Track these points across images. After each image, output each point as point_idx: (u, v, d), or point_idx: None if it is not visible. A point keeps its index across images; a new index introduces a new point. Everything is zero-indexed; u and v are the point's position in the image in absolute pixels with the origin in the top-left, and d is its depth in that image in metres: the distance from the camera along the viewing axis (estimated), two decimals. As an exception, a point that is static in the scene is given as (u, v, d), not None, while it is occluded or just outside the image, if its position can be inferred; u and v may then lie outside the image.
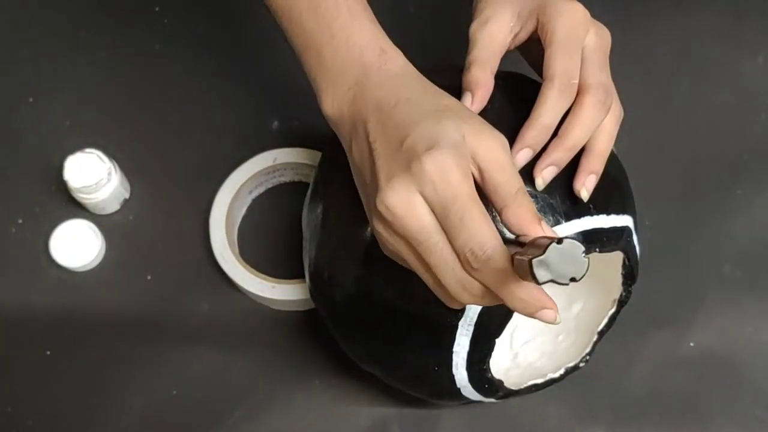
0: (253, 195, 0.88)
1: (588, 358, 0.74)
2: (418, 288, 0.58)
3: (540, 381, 0.74)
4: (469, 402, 0.72)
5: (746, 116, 0.91)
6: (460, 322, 0.64)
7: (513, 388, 0.72)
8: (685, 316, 0.85)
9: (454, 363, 0.67)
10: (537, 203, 0.63)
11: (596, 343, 0.74)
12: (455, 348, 0.66)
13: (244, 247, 0.86)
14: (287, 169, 0.87)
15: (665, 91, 0.92)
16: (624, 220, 0.68)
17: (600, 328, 0.74)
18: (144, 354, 0.84)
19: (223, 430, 0.81)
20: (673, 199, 0.88)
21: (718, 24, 0.94)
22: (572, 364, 0.74)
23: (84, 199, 0.84)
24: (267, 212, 0.88)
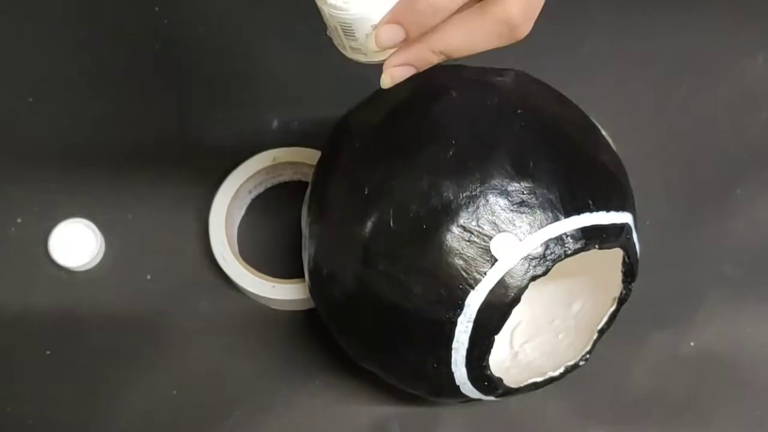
0: (253, 195, 0.88)
1: (588, 356, 0.74)
2: (417, 285, 0.58)
3: (540, 379, 0.74)
4: (469, 400, 0.72)
5: (746, 116, 0.91)
6: (459, 319, 0.64)
7: (512, 386, 0.72)
8: (685, 316, 0.85)
9: (453, 360, 0.67)
10: (536, 199, 0.64)
11: (596, 342, 0.74)
12: (454, 345, 0.66)
13: (243, 247, 0.86)
14: (286, 168, 0.87)
15: (665, 91, 0.92)
16: (624, 217, 0.68)
17: (600, 327, 0.74)
18: (144, 354, 0.84)
19: (223, 430, 0.81)
20: (673, 199, 0.88)
21: (718, 24, 0.94)
22: (572, 363, 0.74)
23: None
24: (267, 212, 0.88)
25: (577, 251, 0.64)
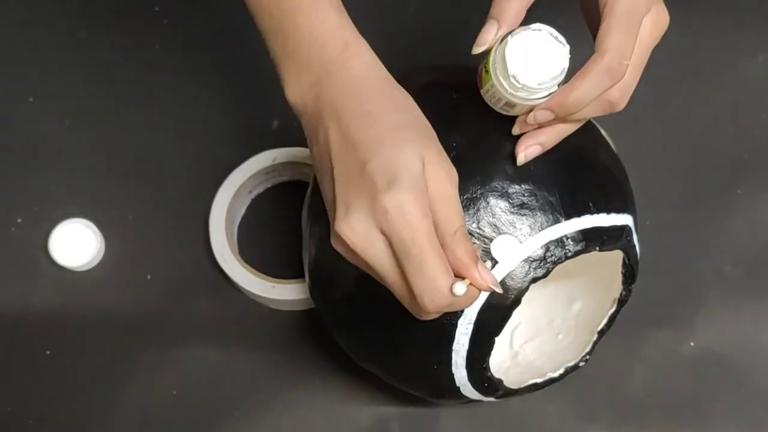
0: (253, 194, 0.88)
1: (588, 357, 0.74)
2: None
3: (540, 380, 0.74)
4: (469, 401, 0.72)
5: (746, 116, 0.91)
6: (460, 321, 0.64)
7: (512, 387, 0.72)
8: (685, 316, 0.85)
9: (453, 362, 0.67)
10: (536, 201, 0.64)
11: (596, 343, 0.74)
12: (455, 347, 0.66)
13: (244, 247, 0.86)
14: (287, 168, 0.87)
15: (665, 91, 0.92)
16: (624, 219, 0.68)
17: (600, 328, 0.74)
18: (144, 354, 0.84)
19: (223, 430, 0.81)
20: (673, 199, 0.88)
21: (718, 24, 0.94)
22: (572, 364, 0.74)
23: None
24: (267, 212, 0.88)
25: (577, 253, 0.64)
